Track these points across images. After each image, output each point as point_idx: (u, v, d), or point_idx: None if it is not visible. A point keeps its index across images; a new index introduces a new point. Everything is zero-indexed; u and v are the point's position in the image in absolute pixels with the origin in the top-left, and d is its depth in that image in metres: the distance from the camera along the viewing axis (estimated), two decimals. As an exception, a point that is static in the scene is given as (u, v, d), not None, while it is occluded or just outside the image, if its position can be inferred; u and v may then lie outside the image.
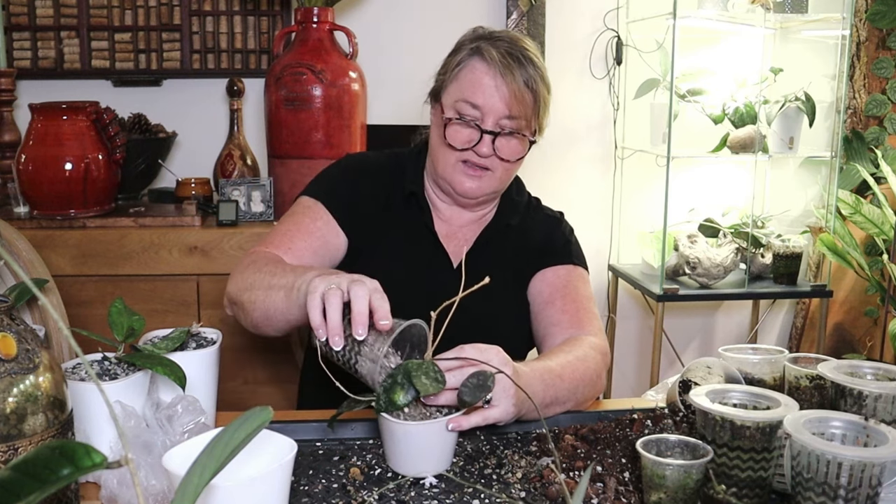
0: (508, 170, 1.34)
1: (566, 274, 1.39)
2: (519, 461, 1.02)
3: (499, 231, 1.41)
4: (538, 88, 1.29)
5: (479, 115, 1.29)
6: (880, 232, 2.56)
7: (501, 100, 1.28)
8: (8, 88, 2.27)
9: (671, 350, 2.88)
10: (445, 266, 1.39)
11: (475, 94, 1.28)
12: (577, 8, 2.69)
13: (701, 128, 2.59)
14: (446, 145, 1.31)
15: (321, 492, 0.95)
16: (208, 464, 0.49)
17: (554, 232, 1.46)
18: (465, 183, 1.32)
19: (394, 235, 1.38)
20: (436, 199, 1.42)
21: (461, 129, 1.30)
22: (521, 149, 1.33)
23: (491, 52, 1.28)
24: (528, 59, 1.29)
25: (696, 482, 0.85)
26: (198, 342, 1.12)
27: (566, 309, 1.33)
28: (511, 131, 1.30)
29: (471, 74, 1.29)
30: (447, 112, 1.32)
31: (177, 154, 2.56)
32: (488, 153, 1.29)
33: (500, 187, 1.36)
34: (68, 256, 2.03)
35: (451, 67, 1.33)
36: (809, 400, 1.00)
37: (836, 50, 2.56)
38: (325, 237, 1.34)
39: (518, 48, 1.30)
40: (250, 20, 2.54)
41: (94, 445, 0.48)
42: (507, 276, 1.39)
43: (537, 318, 1.37)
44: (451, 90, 1.32)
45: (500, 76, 1.27)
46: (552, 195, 2.77)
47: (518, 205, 1.45)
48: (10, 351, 0.79)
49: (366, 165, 1.44)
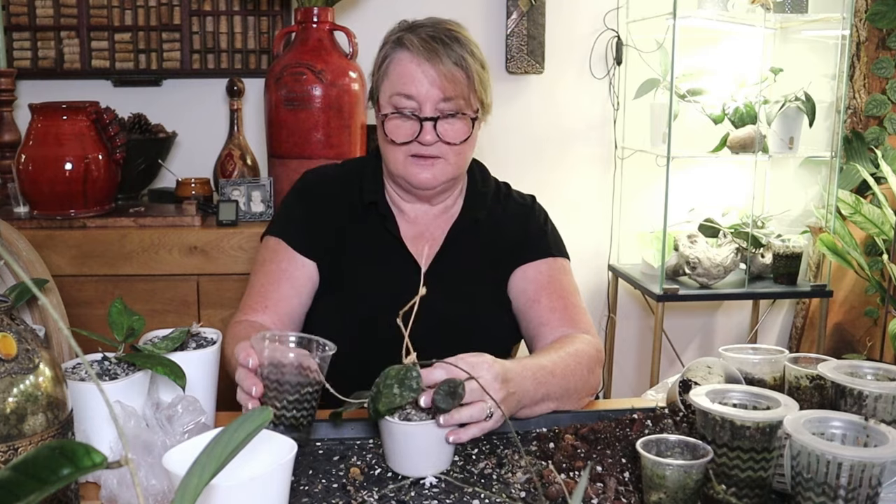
0: (460, 153, 1.31)
1: (547, 269, 1.37)
2: (519, 461, 1.02)
3: (467, 227, 1.38)
4: (468, 65, 1.28)
5: (415, 105, 1.28)
6: (880, 232, 2.56)
7: (433, 84, 1.26)
8: (8, 88, 2.27)
9: (671, 350, 2.88)
10: (414, 271, 1.35)
11: (406, 86, 1.27)
12: (577, 8, 2.69)
13: (701, 128, 2.59)
14: (390, 142, 1.30)
15: (321, 492, 0.95)
16: (208, 464, 0.49)
17: (528, 223, 1.42)
18: (419, 175, 1.30)
19: (359, 249, 1.37)
20: (399, 202, 1.40)
21: (401, 123, 1.29)
22: (466, 129, 1.30)
23: (412, 41, 1.27)
24: (454, 38, 1.28)
25: (696, 482, 0.85)
26: (198, 342, 1.12)
27: (554, 306, 1.32)
28: (451, 113, 1.28)
29: (398, 67, 1.29)
30: (384, 109, 1.31)
31: (177, 154, 2.56)
32: (433, 140, 1.28)
33: (456, 173, 1.34)
34: (68, 256, 2.03)
35: (379, 65, 1.32)
36: (809, 400, 1.00)
37: (836, 50, 2.56)
38: (292, 276, 1.34)
39: (441, 30, 1.29)
40: (250, 20, 2.54)
41: (94, 445, 0.48)
42: (481, 273, 1.37)
43: (524, 317, 1.35)
44: (384, 87, 1.31)
45: (427, 61, 1.26)
46: (552, 195, 2.79)
47: (484, 196, 1.42)
48: (10, 351, 0.79)
49: (321, 182, 1.43)
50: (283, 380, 0.98)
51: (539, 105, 2.73)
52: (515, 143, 2.73)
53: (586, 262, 2.81)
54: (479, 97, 1.31)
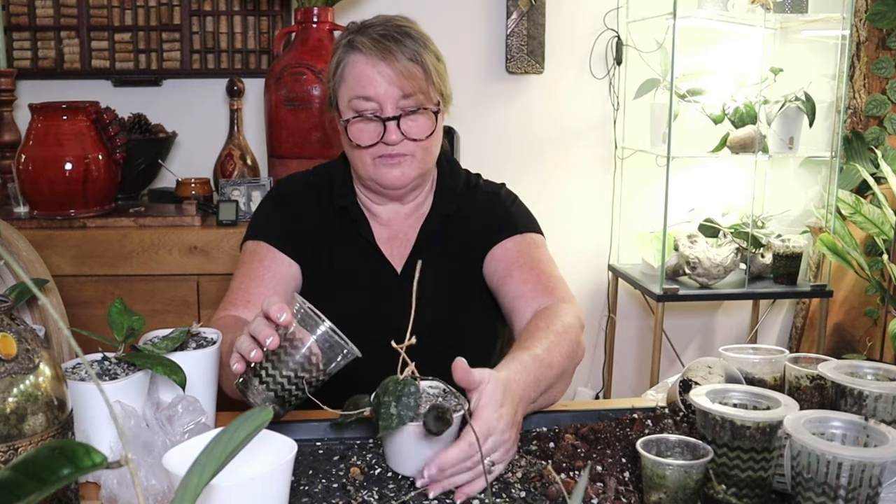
0: (426, 149, 1.31)
1: (514, 245, 1.35)
2: (519, 461, 1.02)
3: (438, 224, 1.37)
4: (424, 58, 1.27)
5: (376, 107, 1.27)
6: (880, 232, 2.56)
7: (391, 83, 1.26)
8: (8, 88, 2.27)
9: (671, 350, 2.88)
10: (389, 273, 1.36)
11: (364, 88, 1.26)
12: (577, 8, 2.69)
13: (701, 128, 2.59)
14: (356, 146, 1.29)
15: (321, 492, 0.95)
16: (208, 464, 0.49)
17: (493, 207, 1.41)
18: (387, 175, 1.29)
19: (335, 254, 1.36)
20: (370, 205, 1.39)
21: (364, 126, 1.28)
22: (430, 124, 1.29)
23: (364, 42, 1.26)
24: (405, 34, 1.28)
25: (696, 482, 0.85)
26: (198, 342, 1.12)
27: (527, 279, 1.29)
28: (412, 110, 1.27)
29: (353, 70, 1.28)
30: (345, 114, 1.30)
31: (177, 154, 2.56)
32: (398, 139, 1.27)
33: (424, 168, 1.33)
34: (68, 256, 2.03)
35: (334, 71, 1.31)
36: (809, 400, 1.00)
37: (836, 50, 2.56)
38: (276, 274, 1.33)
39: (392, 27, 1.28)
40: (250, 20, 2.54)
41: (94, 445, 0.48)
42: (457, 269, 1.36)
43: (499, 294, 1.33)
44: (342, 93, 1.30)
45: (382, 61, 1.25)
46: (552, 195, 2.80)
47: (453, 191, 1.40)
48: (10, 351, 0.79)
49: (294, 190, 1.42)
50: (287, 354, 0.96)
51: (539, 105, 2.73)
52: (515, 143, 2.73)
53: (586, 262, 2.81)
54: (438, 90, 1.31)
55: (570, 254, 2.72)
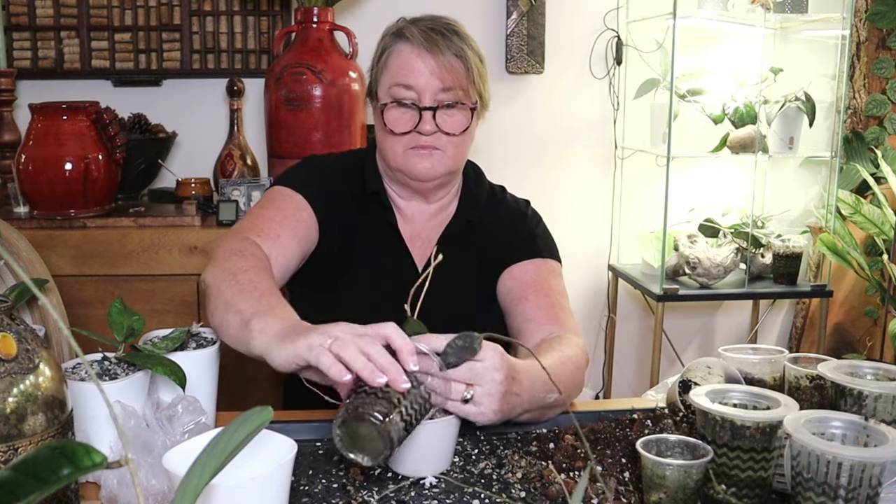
0: (458, 145, 1.31)
1: (535, 268, 1.36)
2: (519, 461, 1.02)
3: (460, 229, 1.38)
4: (467, 56, 1.28)
5: (415, 96, 1.27)
6: (880, 232, 2.56)
7: (433, 74, 1.26)
8: (8, 88, 2.27)
9: (671, 350, 2.88)
10: (409, 267, 1.36)
11: (406, 76, 1.27)
12: (577, 8, 2.69)
13: (701, 128, 2.59)
14: (389, 132, 1.29)
15: (321, 492, 0.95)
16: (208, 464, 0.49)
17: (518, 225, 1.41)
18: (417, 165, 1.29)
19: (360, 233, 1.36)
20: (396, 198, 1.39)
21: (400, 114, 1.29)
22: (465, 120, 1.30)
23: (412, 31, 1.27)
24: (452, 31, 1.29)
25: (696, 482, 0.85)
26: (198, 342, 1.12)
27: (540, 304, 1.30)
28: (449, 104, 1.28)
29: (398, 58, 1.29)
30: (383, 99, 1.30)
31: (177, 154, 2.56)
32: (432, 130, 1.27)
33: (454, 166, 1.33)
34: (68, 256, 2.03)
35: (378, 58, 1.32)
36: (809, 400, 1.00)
37: (836, 50, 2.56)
38: (307, 228, 1.31)
39: (440, 23, 1.29)
40: (250, 20, 2.54)
41: (94, 445, 0.48)
42: (474, 275, 1.37)
43: (510, 315, 1.34)
44: (383, 79, 1.31)
45: (427, 51, 1.26)
46: (552, 195, 2.79)
47: (477, 198, 1.41)
48: (10, 351, 0.79)
49: (327, 163, 1.42)
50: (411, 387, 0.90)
51: (539, 105, 2.73)
52: (515, 143, 2.73)
53: (586, 262, 2.81)
54: (477, 90, 1.31)
55: (571, 254, 2.70)
